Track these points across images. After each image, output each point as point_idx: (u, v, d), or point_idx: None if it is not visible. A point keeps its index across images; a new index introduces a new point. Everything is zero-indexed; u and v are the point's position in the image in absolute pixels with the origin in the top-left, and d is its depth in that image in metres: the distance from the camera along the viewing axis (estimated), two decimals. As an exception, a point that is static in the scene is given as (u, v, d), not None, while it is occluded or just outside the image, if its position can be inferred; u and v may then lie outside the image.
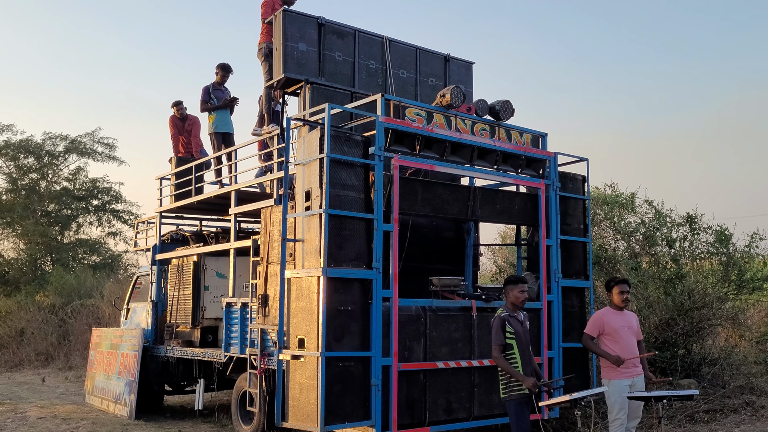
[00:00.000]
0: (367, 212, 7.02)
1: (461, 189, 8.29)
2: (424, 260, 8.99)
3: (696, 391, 6.33)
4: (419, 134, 7.59)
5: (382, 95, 7.54)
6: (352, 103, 8.43)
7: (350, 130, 8.14)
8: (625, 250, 11.85)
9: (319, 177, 6.84)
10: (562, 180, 8.76)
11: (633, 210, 12.16)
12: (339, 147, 6.90)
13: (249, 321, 8.39)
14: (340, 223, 6.80)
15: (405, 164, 7.47)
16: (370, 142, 7.20)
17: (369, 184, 7.13)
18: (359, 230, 6.93)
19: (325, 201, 6.70)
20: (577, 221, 8.96)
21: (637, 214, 12.27)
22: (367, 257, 6.95)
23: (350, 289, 6.82)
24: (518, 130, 8.58)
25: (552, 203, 8.55)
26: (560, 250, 8.56)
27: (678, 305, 10.40)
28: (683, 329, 10.36)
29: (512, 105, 8.38)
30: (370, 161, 7.09)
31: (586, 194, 9.11)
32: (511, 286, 6.18)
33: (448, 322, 7.58)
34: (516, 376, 5.90)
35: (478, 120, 8.25)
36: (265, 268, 8.03)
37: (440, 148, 7.81)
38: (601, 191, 12.96)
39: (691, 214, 11.24)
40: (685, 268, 11.11)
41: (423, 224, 9.10)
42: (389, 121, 7.36)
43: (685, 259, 11.22)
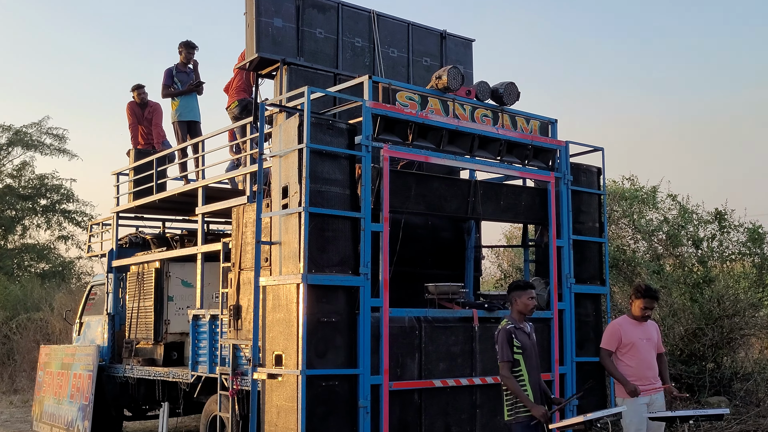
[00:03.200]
0: (354, 210, 7.02)
1: (460, 183, 8.30)
2: (418, 264, 8.99)
3: (726, 410, 6.35)
4: (412, 121, 7.59)
5: (370, 77, 7.53)
6: (335, 86, 8.42)
7: (333, 116, 8.10)
8: (646, 251, 11.90)
9: (297, 170, 6.83)
10: (574, 172, 8.79)
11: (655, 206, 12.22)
12: (320, 136, 6.89)
13: (219, 336, 8.38)
14: (322, 222, 6.79)
15: (396, 155, 7.47)
16: (356, 131, 7.19)
17: (355, 178, 7.12)
18: (344, 231, 6.93)
19: (305, 198, 6.69)
20: (591, 219, 8.98)
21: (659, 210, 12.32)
22: (354, 262, 6.94)
23: (334, 298, 6.81)
24: (524, 116, 8.59)
25: (563, 199, 8.57)
26: (573, 251, 8.59)
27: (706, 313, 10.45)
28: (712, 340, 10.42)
29: (517, 88, 8.39)
30: (356, 152, 7.08)
31: (602, 188, 9.14)
32: (517, 292, 6.19)
33: (447, 335, 7.59)
34: (525, 402, 5.90)
35: (479, 105, 8.26)
36: (237, 275, 8.02)
37: (436, 136, 7.82)
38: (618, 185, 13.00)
39: (721, 211, 11.31)
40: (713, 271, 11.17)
41: (417, 223, 9.10)
42: (378, 106, 7.36)
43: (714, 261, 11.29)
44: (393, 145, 7.46)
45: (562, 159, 8.66)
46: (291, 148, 6.94)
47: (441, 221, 9.40)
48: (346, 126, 7.13)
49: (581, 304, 8.68)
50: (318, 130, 6.88)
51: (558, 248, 8.49)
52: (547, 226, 8.58)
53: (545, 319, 8.28)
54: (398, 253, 7.89)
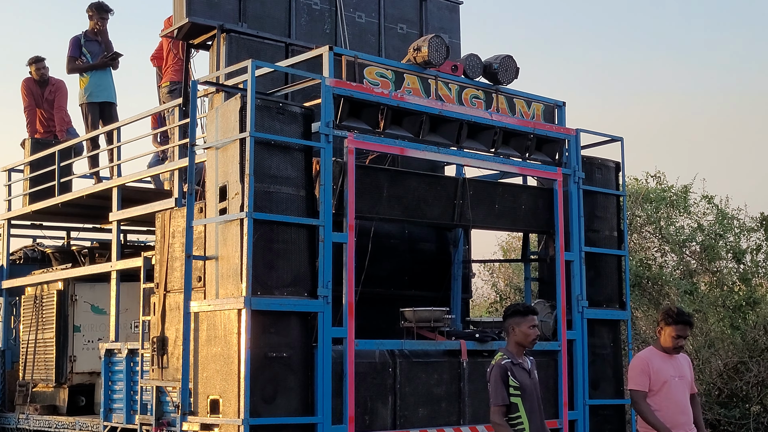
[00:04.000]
0: (310, 216, 7.01)
1: (445, 182, 8.32)
2: (392, 284, 9.00)
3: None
4: (384, 104, 7.59)
5: (331, 48, 7.52)
6: (287, 59, 8.39)
7: (284, 98, 8.03)
8: (676, 266, 12.02)
9: (239, 166, 6.80)
10: (587, 168, 8.85)
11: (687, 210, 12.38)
12: (268, 123, 6.87)
13: (139, 376, 8.33)
14: (270, 231, 6.78)
15: (364, 147, 7.47)
16: (313, 116, 7.18)
17: (312, 175, 7.11)
18: (298, 242, 6.91)
19: (249, 201, 6.67)
20: (608, 226, 9.04)
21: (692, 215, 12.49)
22: (311, 281, 6.93)
23: (286, 327, 6.80)
24: (525, 98, 8.61)
25: (573, 201, 8.63)
26: (585, 267, 8.64)
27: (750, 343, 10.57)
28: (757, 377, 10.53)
29: (516, 63, 8.41)
30: (313, 143, 7.08)
31: (622, 188, 9.21)
32: (516, 319, 6.21)
33: (428, 373, 7.58)
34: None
35: (468, 84, 8.26)
36: (162, 298, 7.97)
37: (414, 123, 7.83)
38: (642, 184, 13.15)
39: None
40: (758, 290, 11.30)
41: (391, 233, 9.10)
42: (341, 85, 7.36)
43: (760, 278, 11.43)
44: (360, 134, 7.45)
45: (572, 151, 8.71)
46: (230, 137, 6.91)
47: (421, 230, 9.39)
48: (301, 110, 7.11)
49: (596, 333, 8.72)
50: (265, 114, 6.86)
51: (567, 263, 8.53)
52: (553, 236, 8.62)
53: (551, 353, 8.31)
54: (367, 270, 7.87)
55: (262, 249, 6.70)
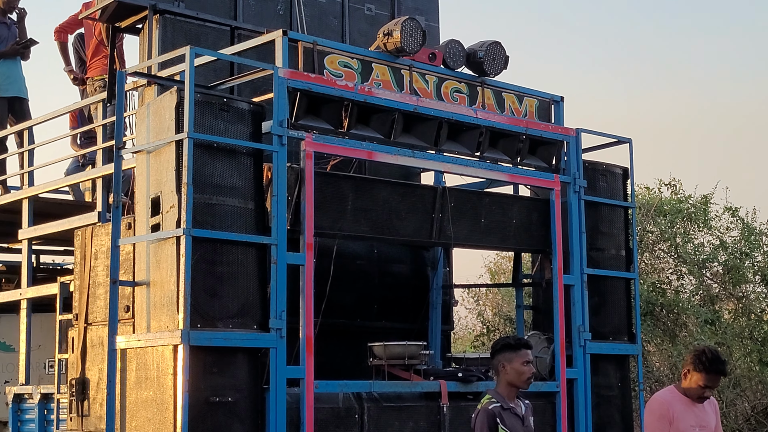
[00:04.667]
0: (261, 233, 7.01)
1: (421, 192, 8.34)
2: (358, 314, 9.02)
3: None
4: (348, 99, 7.61)
5: (285, 33, 7.54)
6: (233, 46, 8.39)
7: (230, 92, 8.02)
8: (695, 290, 12.08)
9: (175, 174, 6.79)
10: (589, 175, 8.92)
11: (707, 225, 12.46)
12: (210, 121, 6.86)
13: (55, 426, 8.27)
14: (212, 252, 6.76)
15: (325, 150, 7.49)
16: (264, 114, 7.19)
17: (263, 184, 7.12)
18: (247, 265, 6.91)
19: (187, 215, 6.64)
20: (615, 244, 9.11)
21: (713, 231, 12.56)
22: (261, 311, 6.93)
23: (231, 367, 6.78)
24: (516, 91, 8.66)
25: (574, 214, 8.68)
26: (588, 292, 8.69)
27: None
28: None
29: (505, 50, 8.48)
30: (264, 146, 7.08)
31: (631, 199, 9.29)
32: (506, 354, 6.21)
33: (401, 420, 7.59)
34: None
35: (449, 75, 8.30)
36: (82, 332, 7.92)
37: (385, 122, 7.85)
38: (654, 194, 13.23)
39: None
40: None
41: (357, 253, 9.13)
42: (297, 77, 7.37)
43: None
44: (320, 135, 7.46)
45: (572, 155, 8.78)
46: (165, 139, 6.89)
47: (393, 249, 9.43)
48: (250, 106, 7.11)
49: (601, 371, 8.76)
50: (206, 112, 6.84)
51: (566, 288, 8.57)
52: (549, 256, 8.66)
53: (548, 394, 8.33)
54: (328, 297, 7.87)
55: (202, 272, 6.68)
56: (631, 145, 9.28)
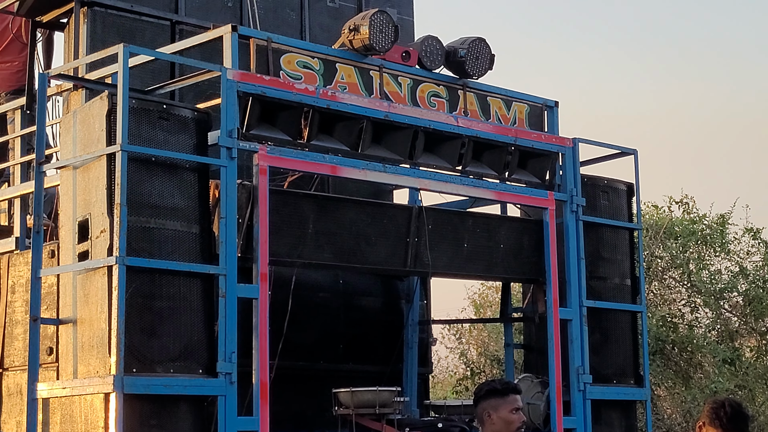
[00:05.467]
0: (207, 261, 7.03)
1: (394, 213, 8.42)
2: (321, 355, 9.07)
3: None
4: (309, 105, 7.66)
5: (234, 28, 7.57)
6: (174, 43, 8.44)
7: (170, 97, 8.08)
8: (711, 325, 12.11)
9: (106, 192, 6.78)
10: (588, 192, 9.04)
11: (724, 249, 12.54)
12: (148, 132, 6.87)
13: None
14: (150, 284, 6.76)
15: (281, 164, 7.54)
16: (210, 123, 7.22)
17: (210, 205, 7.16)
18: (191, 298, 6.92)
19: (120, 241, 6.63)
20: (619, 272, 9.23)
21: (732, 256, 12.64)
22: (207, 352, 6.93)
23: (173, 417, 6.75)
24: (503, 96, 8.78)
25: (571, 237, 8.79)
26: (588, 328, 8.77)
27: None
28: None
29: (489, 48, 8.59)
30: (211, 160, 7.12)
31: (637, 219, 9.43)
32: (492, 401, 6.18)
33: (373, 479, 7.57)
34: None
35: (426, 77, 8.40)
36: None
37: (351, 131, 7.92)
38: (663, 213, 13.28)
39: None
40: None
41: (319, 283, 9.19)
42: (249, 79, 7.40)
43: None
44: (276, 147, 7.50)
45: (568, 169, 8.89)
46: (94, 153, 6.89)
47: (361, 279, 9.50)
48: (194, 114, 7.14)
49: (603, 419, 8.82)
50: (143, 120, 6.85)
51: (563, 323, 8.65)
52: (543, 285, 8.76)
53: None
54: (286, 335, 7.91)
55: (138, 308, 6.67)
56: (637, 156, 9.41)
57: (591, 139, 9.20)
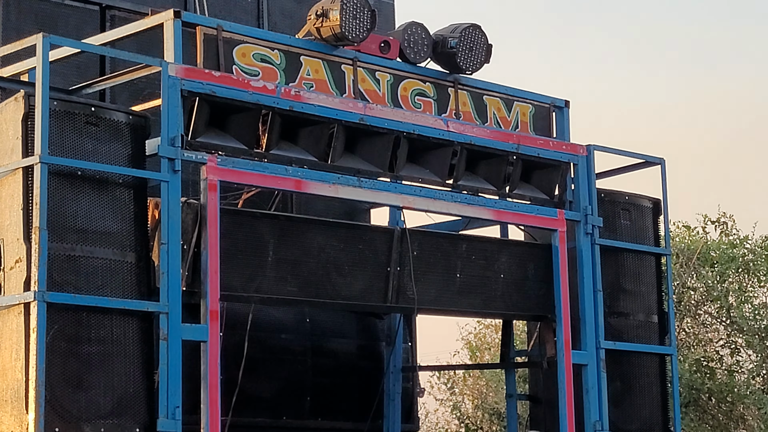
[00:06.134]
0: (145, 297, 7.02)
1: (371, 237, 8.41)
2: (284, 409, 9.05)
3: None
4: (268, 107, 7.66)
5: (178, 14, 7.54)
6: (104, 32, 8.42)
7: (100, 98, 8.05)
8: (755, 369, 12.06)
9: (23, 214, 6.76)
10: (606, 210, 9.06)
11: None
12: (73, 140, 6.85)
13: None
14: (77, 324, 6.73)
15: (235, 179, 7.53)
16: (148, 129, 7.22)
17: (148, 228, 7.15)
18: (125, 342, 6.90)
19: (40, 272, 6.61)
20: (643, 306, 9.24)
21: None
22: (146, 407, 6.91)
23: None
24: (503, 94, 8.79)
25: (585, 265, 8.81)
26: (607, 375, 8.77)
27: None
28: None
29: (486, 37, 8.58)
30: (149, 173, 7.12)
31: (665, 243, 9.41)
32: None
33: None
34: None
35: (410, 72, 8.41)
36: None
37: (319, 138, 7.91)
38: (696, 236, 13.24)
39: None
40: None
41: (282, 323, 9.20)
42: (195, 75, 7.40)
43: None
44: (228, 158, 7.49)
45: (581, 182, 8.91)
46: (8, 166, 6.87)
47: (332, 317, 9.51)
48: (128, 118, 7.13)
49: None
50: (67, 126, 6.84)
51: (576, 368, 8.66)
52: (552, 324, 8.76)
53: None
54: (242, 385, 7.91)
55: (62, 354, 6.64)
56: (664, 167, 9.43)
57: (609, 147, 9.22)
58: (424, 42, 8.42)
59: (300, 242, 7.92)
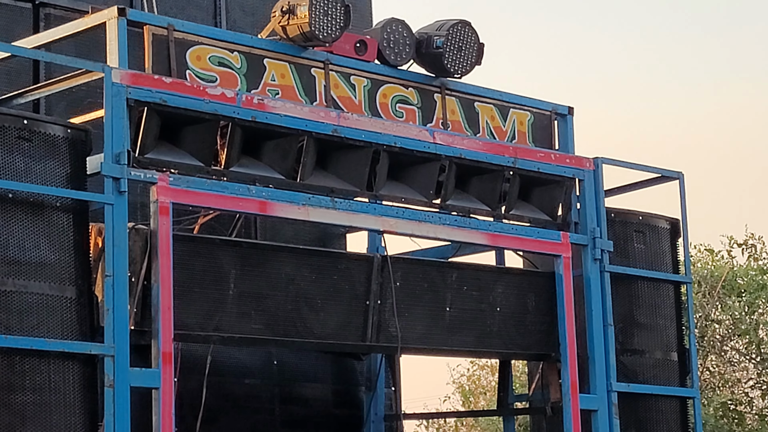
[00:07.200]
0: (87, 338, 7.02)
1: (348, 265, 8.44)
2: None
3: None
4: (227, 118, 7.68)
5: (122, 12, 7.55)
6: (39, 33, 8.44)
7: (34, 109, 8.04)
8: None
9: (-55, 243, 6.79)
10: (617, 232, 9.12)
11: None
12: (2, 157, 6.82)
13: None
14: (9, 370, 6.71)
15: (191, 200, 7.55)
16: (90, 144, 7.23)
17: (89, 258, 7.17)
18: (65, 390, 6.88)
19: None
20: (661, 342, 9.29)
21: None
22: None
23: None
24: (498, 101, 8.84)
25: (594, 295, 8.84)
26: (621, 422, 8.78)
27: None
28: None
29: (477, 35, 8.63)
30: (91, 195, 7.13)
31: (686, 270, 9.48)
32: None
33: None
34: None
35: (390, 77, 8.47)
36: None
37: (286, 153, 7.95)
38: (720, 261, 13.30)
39: None
40: None
41: (245, 366, 9.21)
42: (143, 82, 7.41)
43: None
44: (182, 177, 7.51)
45: (588, 201, 8.95)
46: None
47: (303, 359, 9.52)
48: (67, 132, 7.14)
49: None
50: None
51: (584, 414, 8.68)
52: (557, 363, 8.81)
53: None
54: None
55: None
56: (683, 182, 9.49)
57: (620, 159, 9.27)
58: (405, 41, 8.47)
59: (266, 273, 7.94)
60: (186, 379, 7.68)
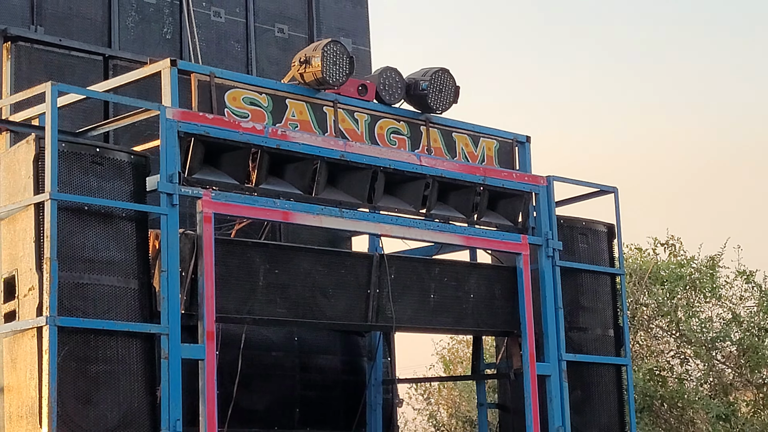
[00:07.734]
0: (147, 320, 7.01)
1: (352, 262, 8.43)
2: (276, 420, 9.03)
3: None
4: (257, 146, 7.67)
5: (174, 63, 7.56)
6: (107, 80, 8.41)
7: (104, 140, 8.03)
8: (703, 377, 12.09)
9: (35, 246, 6.75)
10: (566, 234, 9.08)
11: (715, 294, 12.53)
12: (80, 178, 6.85)
13: None
14: (85, 346, 6.71)
15: (228, 211, 7.54)
16: (149, 167, 7.22)
17: (148, 257, 7.14)
18: (129, 361, 6.88)
19: (51, 299, 6.58)
20: (601, 322, 9.24)
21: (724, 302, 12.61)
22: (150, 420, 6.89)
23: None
24: (470, 131, 8.82)
25: (547, 285, 8.83)
26: (569, 384, 8.77)
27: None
28: None
29: (454, 80, 8.61)
30: (150, 207, 7.11)
31: (619, 264, 9.44)
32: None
33: None
34: None
35: (385, 113, 8.44)
36: None
37: (304, 173, 7.92)
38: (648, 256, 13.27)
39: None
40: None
41: (272, 342, 9.17)
42: (190, 118, 7.40)
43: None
44: (221, 193, 7.49)
45: (543, 210, 8.92)
46: (21, 202, 6.85)
47: (317, 336, 9.49)
48: (130, 158, 7.13)
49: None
50: (74, 166, 6.84)
51: (540, 379, 8.65)
52: (518, 339, 8.75)
53: None
54: (236, 399, 7.90)
55: (72, 373, 6.62)
56: (617, 195, 9.45)
57: (567, 177, 9.23)
58: (397, 85, 8.45)
59: (287, 268, 7.93)
60: (225, 352, 7.66)
